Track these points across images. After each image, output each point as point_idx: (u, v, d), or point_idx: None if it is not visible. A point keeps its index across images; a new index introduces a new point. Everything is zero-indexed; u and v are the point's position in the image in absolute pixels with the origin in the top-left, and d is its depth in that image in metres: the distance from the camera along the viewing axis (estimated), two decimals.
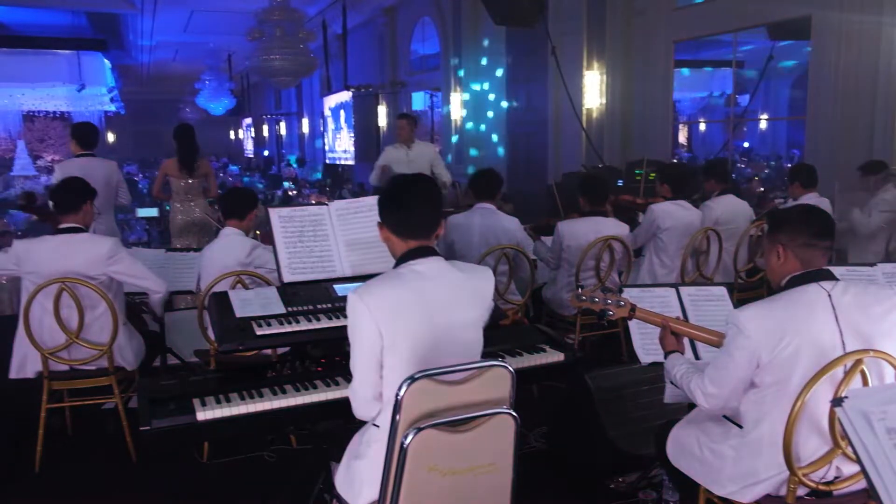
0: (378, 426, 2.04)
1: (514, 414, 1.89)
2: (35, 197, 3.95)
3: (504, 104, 10.88)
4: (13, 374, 3.49)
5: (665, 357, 2.45)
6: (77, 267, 3.34)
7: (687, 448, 2.35)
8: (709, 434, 2.28)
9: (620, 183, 7.32)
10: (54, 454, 3.59)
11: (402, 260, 2.09)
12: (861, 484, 2.07)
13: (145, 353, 3.74)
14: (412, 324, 1.98)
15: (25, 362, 3.47)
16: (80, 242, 3.41)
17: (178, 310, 5.03)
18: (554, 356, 2.84)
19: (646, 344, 2.85)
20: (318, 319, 2.65)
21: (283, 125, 23.75)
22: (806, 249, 2.11)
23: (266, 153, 25.61)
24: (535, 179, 9.89)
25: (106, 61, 16.95)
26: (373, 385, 2.03)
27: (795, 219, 2.16)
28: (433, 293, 2.02)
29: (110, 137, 23.71)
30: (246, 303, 2.68)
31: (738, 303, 2.68)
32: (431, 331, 1.99)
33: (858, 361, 2.01)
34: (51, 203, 3.69)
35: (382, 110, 14.94)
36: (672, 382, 2.37)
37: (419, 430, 1.77)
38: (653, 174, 6.48)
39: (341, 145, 17.57)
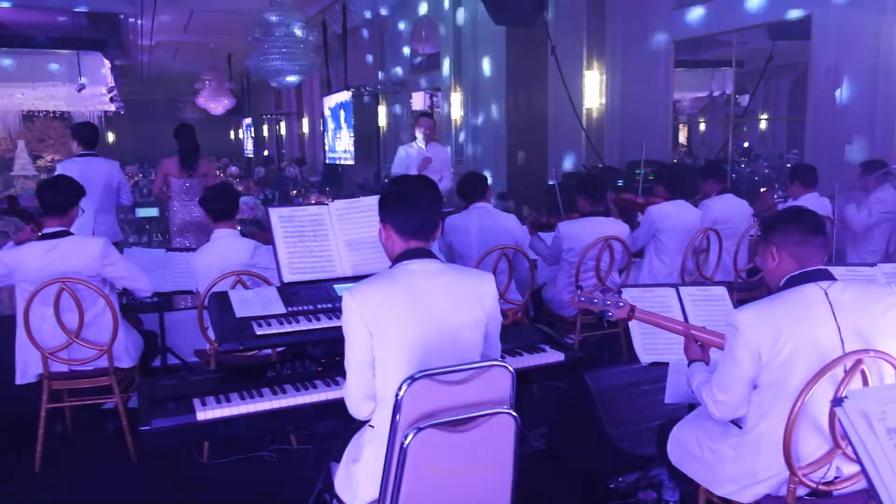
0: (373, 426, 2.04)
1: (514, 414, 1.90)
2: (17, 200, 3.89)
3: (504, 104, 10.87)
4: (19, 381, 3.48)
5: (688, 365, 2.45)
6: (71, 270, 3.29)
7: (687, 448, 2.35)
8: (709, 434, 2.28)
9: (620, 183, 7.32)
10: (54, 454, 3.59)
11: (397, 260, 2.09)
12: (861, 484, 2.07)
13: (143, 352, 3.73)
14: (403, 321, 1.97)
15: (27, 367, 3.46)
16: (70, 246, 3.35)
17: (178, 310, 5.02)
18: (554, 356, 2.83)
19: (646, 344, 2.85)
20: (318, 319, 2.65)
21: (283, 125, 23.72)
22: (800, 248, 2.12)
23: (266, 153, 25.56)
24: (535, 179, 9.88)
25: (105, 61, 16.91)
26: (364, 383, 2.03)
27: (785, 219, 2.20)
28: (426, 293, 2.01)
29: (110, 137, 23.68)
30: (246, 303, 2.68)
31: (738, 303, 2.68)
32: (423, 330, 1.99)
33: (859, 361, 2.01)
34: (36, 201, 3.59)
35: (382, 110, 14.92)
36: (693, 392, 2.36)
37: (419, 430, 1.77)
38: (652, 174, 6.47)
39: (341, 145, 17.54)
